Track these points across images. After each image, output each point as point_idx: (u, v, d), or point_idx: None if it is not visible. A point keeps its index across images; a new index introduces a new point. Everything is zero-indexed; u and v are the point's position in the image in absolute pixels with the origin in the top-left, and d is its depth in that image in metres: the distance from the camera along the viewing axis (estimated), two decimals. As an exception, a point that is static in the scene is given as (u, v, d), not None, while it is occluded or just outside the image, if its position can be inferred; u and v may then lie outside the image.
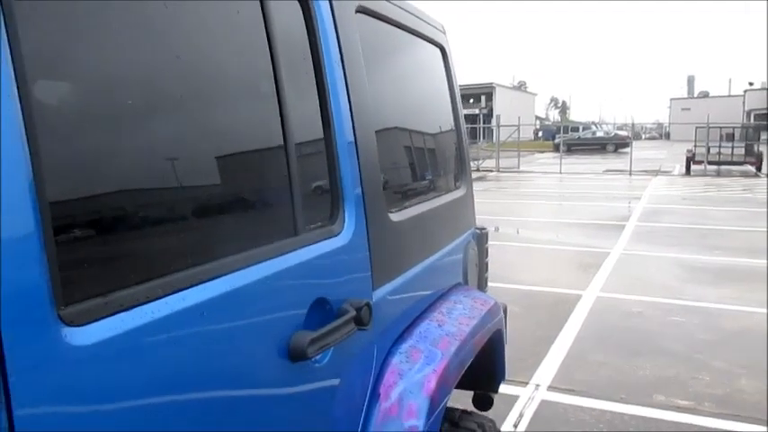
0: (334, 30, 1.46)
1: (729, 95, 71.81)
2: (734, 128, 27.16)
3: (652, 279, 7.95)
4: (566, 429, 3.99)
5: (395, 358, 1.58)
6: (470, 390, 2.33)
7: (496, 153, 27.87)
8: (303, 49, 1.39)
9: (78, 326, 0.79)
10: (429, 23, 2.21)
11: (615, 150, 39.78)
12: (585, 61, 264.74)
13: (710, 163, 25.36)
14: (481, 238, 2.51)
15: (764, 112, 51.36)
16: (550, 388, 4.64)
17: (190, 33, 1.11)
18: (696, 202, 16.09)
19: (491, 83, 58.39)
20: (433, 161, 2.33)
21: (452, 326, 1.82)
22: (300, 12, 1.36)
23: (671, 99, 76.76)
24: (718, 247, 9.81)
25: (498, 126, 30.35)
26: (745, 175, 24.07)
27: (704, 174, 24.44)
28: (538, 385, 4.67)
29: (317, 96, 1.41)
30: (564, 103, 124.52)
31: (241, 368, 1.10)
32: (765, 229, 11.15)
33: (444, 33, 2.40)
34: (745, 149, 25.37)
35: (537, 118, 73.45)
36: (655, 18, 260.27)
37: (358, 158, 1.51)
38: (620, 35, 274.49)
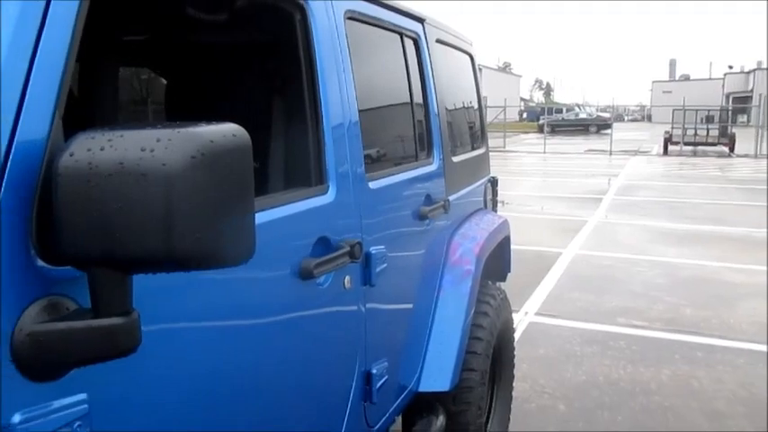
0: (428, 55, 2.63)
1: (710, 78, 73.23)
2: (709, 110, 28.45)
3: (623, 241, 9.23)
4: (548, 341, 5.26)
5: (455, 238, 2.77)
6: (490, 279, 3.56)
7: (484, 133, 28.73)
8: (415, 66, 2.56)
9: (372, 181, 1.98)
10: (465, 41, 3.41)
11: (597, 131, 40.83)
12: (570, 44, 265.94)
13: (687, 144, 26.67)
14: (494, 182, 3.73)
15: (742, 95, 52.83)
16: (537, 314, 5.91)
17: (381, 75, 2.43)
18: (670, 179, 17.42)
19: (477, 65, 59.13)
20: (469, 128, 3.53)
21: (484, 225, 3.03)
22: (414, 48, 2.54)
23: (653, 82, 78.10)
24: (685, 217, 11.12)
25: (485, 107, 31.20)
26: (719, 155, 25.41)
27: (680, 154, 25.74)
28: (527, 312, 5.94)
29: (421, 89, 2.59)
30: (548, 84, 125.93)
31: (411, 215, 2.35)
32: (728, 202, 12.48)
33: (472, 45, 3.60)
34: (720, 131, 26.70)
35: (522, 99, 74.52)
36: (638, 2, 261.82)
37: (439, 122, 2.67)
38: (605, 18, 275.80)
